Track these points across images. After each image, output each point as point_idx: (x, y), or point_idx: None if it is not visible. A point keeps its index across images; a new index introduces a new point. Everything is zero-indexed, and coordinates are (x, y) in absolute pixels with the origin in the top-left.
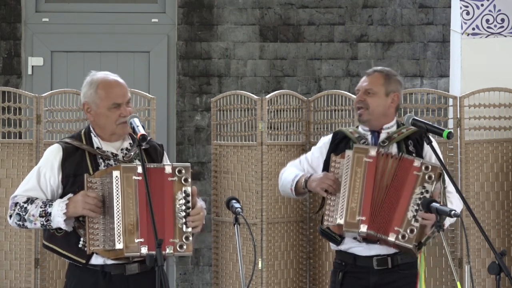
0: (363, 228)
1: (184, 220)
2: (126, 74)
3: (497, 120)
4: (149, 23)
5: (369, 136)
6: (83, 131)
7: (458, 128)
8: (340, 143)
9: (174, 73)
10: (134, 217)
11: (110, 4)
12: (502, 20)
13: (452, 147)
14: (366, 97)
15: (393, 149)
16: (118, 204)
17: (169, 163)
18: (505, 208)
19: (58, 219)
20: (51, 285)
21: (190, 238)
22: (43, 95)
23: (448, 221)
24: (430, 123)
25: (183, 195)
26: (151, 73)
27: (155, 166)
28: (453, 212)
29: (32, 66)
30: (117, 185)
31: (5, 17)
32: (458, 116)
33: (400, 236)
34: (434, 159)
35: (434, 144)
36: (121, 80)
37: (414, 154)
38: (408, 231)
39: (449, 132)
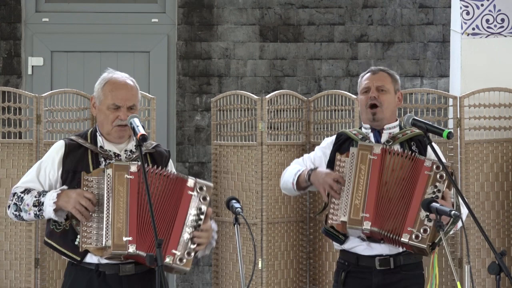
0: (367, 225)
1: (191, 236)
2: (126, 74)
3: (497, 120)
4: (149, 23)
5: (370, 135)
6: (90, 130)
7: (458, 128)
8: (343, 144)
9: (174, 73)
10: (123, 216)
11: (110, 4)
12: (502, 20)
13: (452, 147)
14: (379, 94)
15: (396, 148)
16: (108, 202)
17: (174, 170)
18: (505, 208)
19: (48, 209)
20: (51, 285)
21: (192, 255)
22: (43, 95)
23: (458, 226)
24: (430, 123)
25: (198, 211)
26: (151, 73)
27: (179, 175)
28: (452, 212)
29: (32, 66)
30: (108, 183)
31: (5, 17)
32: (458, 116)
33: (413, 236)
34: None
35: (436, 147)
36: (132, 84)
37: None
38: (422, 231)
39: (449, 132)
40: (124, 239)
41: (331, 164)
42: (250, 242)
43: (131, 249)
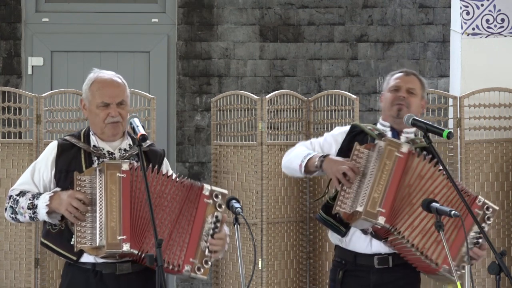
0: (381, 220)
1: (208, 244)
2: (126, 74)
3: (497, 120)
4: (149, 23)
5: (388, 133)
6: (83, 130)
7: (458, 128)
8: (357, 136)
9: (174, 73)
10: (116, 214)
11: (110, 4)
12: (502, 20)
13: (452, 147)
14: (409, 96)
15: None
16: (101, 201)
17: (170, 169)
18: (505, 208)
19: (42, 211)
20: (51, 285)
21: (209, 263)
22: (43, 95)
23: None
24: (430, 123)
25: (214, 219)
26: (151, 73)
27: (194, 183)
28: (453, 212)
29: (32, 66)
30: (100, 182)
31: (5, 17)
32: (458, 116)
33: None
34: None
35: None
36: (119, 81)
37: None
38: (461, 266)
39: (449, 132)
40: (118, 237)
41: (342, 152)
42: (250, 242)
43: (125, 247)
